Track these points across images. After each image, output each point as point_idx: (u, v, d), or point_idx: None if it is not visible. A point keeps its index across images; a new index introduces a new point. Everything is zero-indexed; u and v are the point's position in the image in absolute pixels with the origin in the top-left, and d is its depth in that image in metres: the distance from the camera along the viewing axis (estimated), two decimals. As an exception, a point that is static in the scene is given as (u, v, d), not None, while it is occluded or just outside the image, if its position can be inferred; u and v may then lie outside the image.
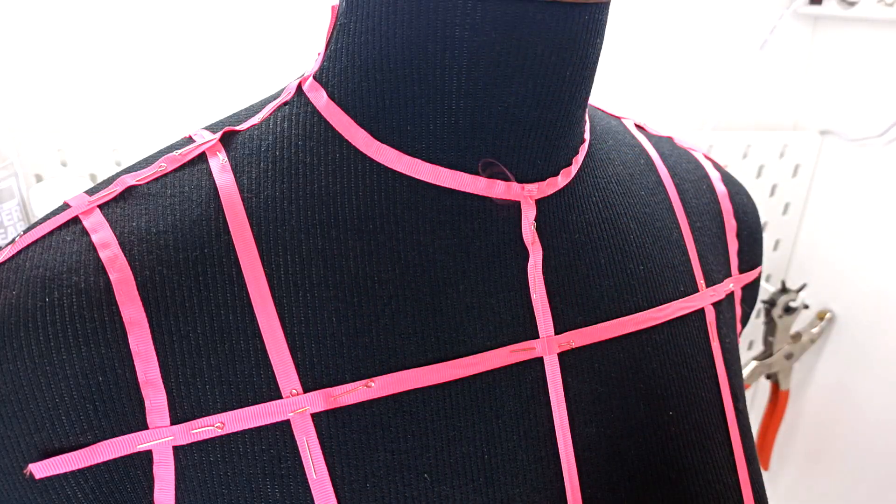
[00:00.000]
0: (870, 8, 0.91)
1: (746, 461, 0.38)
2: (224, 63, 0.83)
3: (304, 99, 0.32)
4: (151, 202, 0.30)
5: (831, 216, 1.07)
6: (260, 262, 0.29)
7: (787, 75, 1.07)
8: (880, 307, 0.99)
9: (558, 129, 0.31)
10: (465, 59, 0.28)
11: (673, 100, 1.03)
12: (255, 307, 0.29)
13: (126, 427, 0.28)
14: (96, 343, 0.27)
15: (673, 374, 0.35)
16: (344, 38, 0.31)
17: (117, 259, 0.28)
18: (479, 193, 0.31)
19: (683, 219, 0.40)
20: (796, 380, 1.13)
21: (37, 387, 0.27)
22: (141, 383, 0.28)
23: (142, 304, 0.28)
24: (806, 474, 1.15)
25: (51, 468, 0.27)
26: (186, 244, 0.29)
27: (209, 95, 0.83)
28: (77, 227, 0.29)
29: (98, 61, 0.79)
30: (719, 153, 1.02)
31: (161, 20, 0.80)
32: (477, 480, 0.30)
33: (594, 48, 0.30)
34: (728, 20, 1.01)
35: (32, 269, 0.28)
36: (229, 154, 0.32)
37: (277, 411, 0.28)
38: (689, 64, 1.02)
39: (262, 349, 0.28)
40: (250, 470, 0.28)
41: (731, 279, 0.42)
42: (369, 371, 0.29)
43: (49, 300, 0.27)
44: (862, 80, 0.99)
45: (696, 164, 0.44)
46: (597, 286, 0.34)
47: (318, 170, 0.31)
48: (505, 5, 0.27)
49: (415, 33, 0.28)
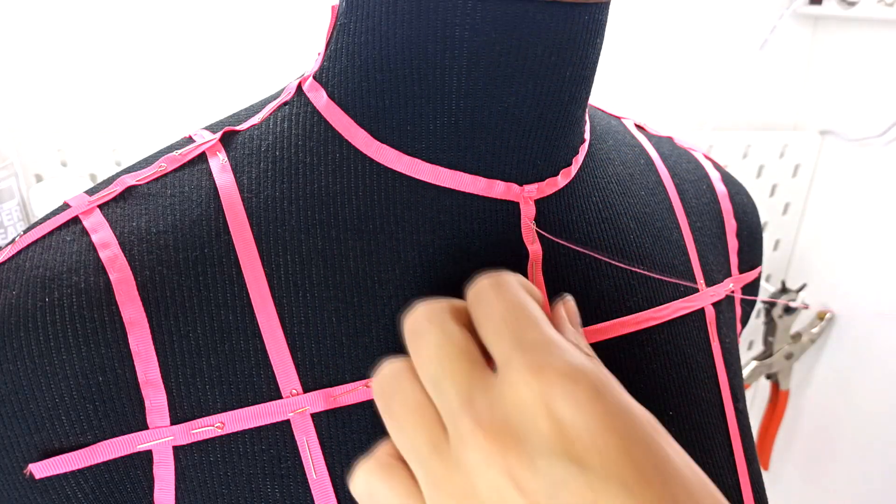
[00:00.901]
0: (870, 8, 0.91)
1: (746, 461, 0.38)
2: (224, 63, 0.83)
3: (304, 99, 0.32)
4: (151, 202, 0.30)
5: (831, 216, 1.07)
6: (260, 262, 0.29)
7: (787, 75, 1.07)
8: (880, 307, 0.99)
9: (558, 129, 0.31)
10: (465, 59, 0.28)
11: (673, 100, 1.03)
12: (255, 307, 0.29)
13: (126, 427, 0.28)
14: (96, 343, 0.27)
15: (673, 374, 0.35)
16: (344, 38, 0.31)
17: (117, 259, 0.28)
18: (478, 193, 0.31)
19: (683, 219, 0.40)
20: (796, 380, 1.13)
21: (37, 387, 0.27)
22: (141, 383, 0.28)
23: (142, 304, 0.28)
24: (806, 474, 1.15)
25: (51, 468, 0.27)
26: (186, 244, 0.29)
27: (209, 95, 0.83)
28: (77, 227, 0.29)
29: (98, 61, 0.79)
30: (719, 153, 1.02)
31: (161, 20, 0.80)
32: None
33: (594, 48, 0.30)
34: (728, 20, 1.01)
35: (32, 269, 0.28)
36: (229, 154, 0.32)
37: (277, 411, 0.28)
38: (689, 64, 1.02)
39: (262, 349, 0.28)
40: (250, 470, 0.28)
41: (731, 279, 0.42)
42: (369, 371, 0.29)
43: (49, 300, 0.27)
44: (862, 80, 0.99)
45: (696, 164, 0.44)
46: (596, 286, 0.34)
47: (318, 170, 0.31)
48: (505, 5, 0.27)
49: (415, 33, 0.28)
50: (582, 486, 0.19)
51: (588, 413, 0.20)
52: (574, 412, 0.20)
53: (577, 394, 0.20)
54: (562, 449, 0.19)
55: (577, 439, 0.20)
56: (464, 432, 0.20)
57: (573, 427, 0.20)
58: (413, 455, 0.22)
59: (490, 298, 0.23)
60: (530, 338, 0.22)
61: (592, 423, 0.20)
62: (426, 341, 0.23)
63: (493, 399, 0.21)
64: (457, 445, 0.20)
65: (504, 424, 0.20)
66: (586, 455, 0.19)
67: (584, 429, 0.20)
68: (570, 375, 0.20)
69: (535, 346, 0.21)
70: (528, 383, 0.20)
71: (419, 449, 0.21)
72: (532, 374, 0.20)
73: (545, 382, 0.20)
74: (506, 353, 0.21)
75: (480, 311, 0.23)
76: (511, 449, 0.20)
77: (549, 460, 0.19)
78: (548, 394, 0.20)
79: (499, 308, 0.23)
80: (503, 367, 0.21)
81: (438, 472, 0.21)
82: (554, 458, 0.19)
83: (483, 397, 0.21)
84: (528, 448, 0.20)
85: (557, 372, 0.20)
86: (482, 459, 0.20)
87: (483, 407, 0.20)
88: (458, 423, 0.20)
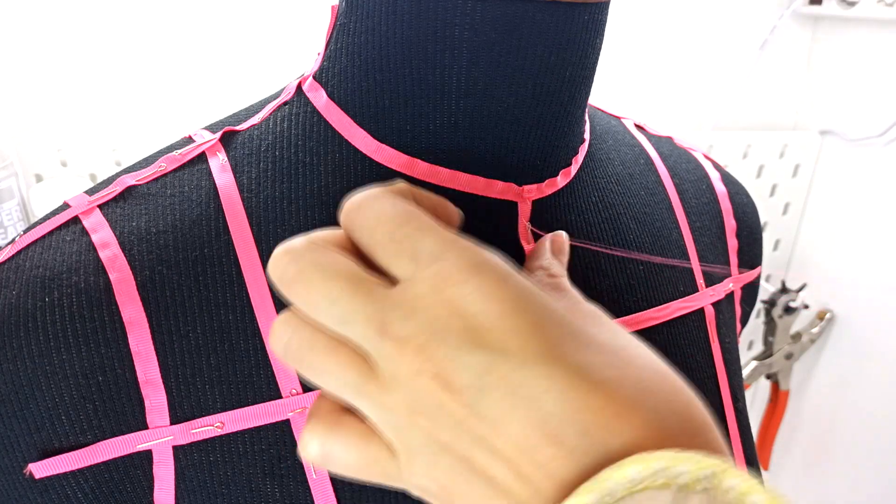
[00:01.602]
0: (870, 8, 0.91)
1: (746, 461, 0.38)
2: (224, 63, 0.83)
3: (303, 99, 0.32)
4: (151, 202, 0.30)
5: (831, 216, 1.07)
6: (260, 262, 0.29)
7: (787, 75, 1.07)
8: (880, 307, 0.99)
9: (558, 130, 0.31)
10: (465, 59, 0.28)
11: (673, 100, 1.03)
12: (254, 307, 0.29)
13: (126, 427, 0.28)
14: (96, 343, 0.27)
15: (673, 373, 0.35)
16: (344, 38, 0.31)
17: (117, 259, 0.28)
18: (477, 193, 0.31)
19: (683, 219, 0.40)
20: (796, 380, 1.13)
21: (37, 387, 0.27)
22: (141, 383, 0.28)
23: (141, 303, 0.28)
24: (806, 474, 1.15)
25: (51, 468, 0.27)
26: (186, 244, 0.29)
27: (209, 95, 0.83)
28: (77, 227, 0.29)
29: (98, 62, 0.79)
30: (719, 153, 1.02)
31: (161, 20, 0.80)
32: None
33: (594, 48, 0.30)
34: (728, 20, 1.01)
35: (32, 268, 0.28)
36: (229, 154, 0.32)
37: (277, 411, 0.28)
38: (689, 64, 1.02)
39: (261, 349, 0.28)
40: (250, 470, 0.28)
41: (730, 279, 0.42)
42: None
43: (49, 300, 0.27)
44: (862, 80, 0.99)
45: (696, 163, 0.44)
46: (595, 286, 0.34)
47: (318, 170, 0.31)
48: (505, 5, 0.27)
49: (415, 33, 0.28)
50: (506, 372, 0.19)
51: (496, 300, 0.20)
52: (483, 302, 0.20)
53: (482, 284, 0.20)
54: (479, 340, 0.20)
55: (492, 328, 0.20)
56: (386, 353, 0.20)
57: (485, 316, 0.20)
58: (348, 390, 0.21)
59: (365, 217, 0.22)
60: (423, 245, 0.21)
61: (502, 308, 0.20)
62: (310, 287, 0.21)
63: (404, 312, 0.21)
64: (385, 367, 0.20)
65: (420, 332, 0.20)
66: (502, 340, 0.20)
67: (496, 316, 0.20)
68: (472, 268, 0.21)
69: (431, 250, 0.21)
70: (434, 287, 0.20)
71: (351, 383, 0.21)
72: (435, 277, 0.21)
73: (450, 282, 0.20)
74: (404, 265, 0.21)
75: (362, 233, 0.23)
76: (433, 354, 0.20)
77: (469, 355, 0.20)
78: (454, 292, 0.20)
79: (381, 223, 0.22)
80: (406, 279, 0.21)
81: (378, 396, 0.21)
82: (474, 351, 0.20)
83: (393, 314, 0.21)
84: (448, 349, 0.20)
85: (459, 268, 0.20)
86: (411, 372, 0.20)
87: (396, 323, 0.20)
88: (380, 347, 0.20)
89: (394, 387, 0.20)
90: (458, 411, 0.20)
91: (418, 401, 0.20)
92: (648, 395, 0.20)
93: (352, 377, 0.21)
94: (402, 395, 0.20)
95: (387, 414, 0.21)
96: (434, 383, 0.20)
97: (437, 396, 0.20)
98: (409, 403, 0.20)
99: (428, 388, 0.20)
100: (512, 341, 0.20)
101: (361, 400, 0.21)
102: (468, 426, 0.20)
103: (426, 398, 0.20)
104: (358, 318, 0.21)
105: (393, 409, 0.21)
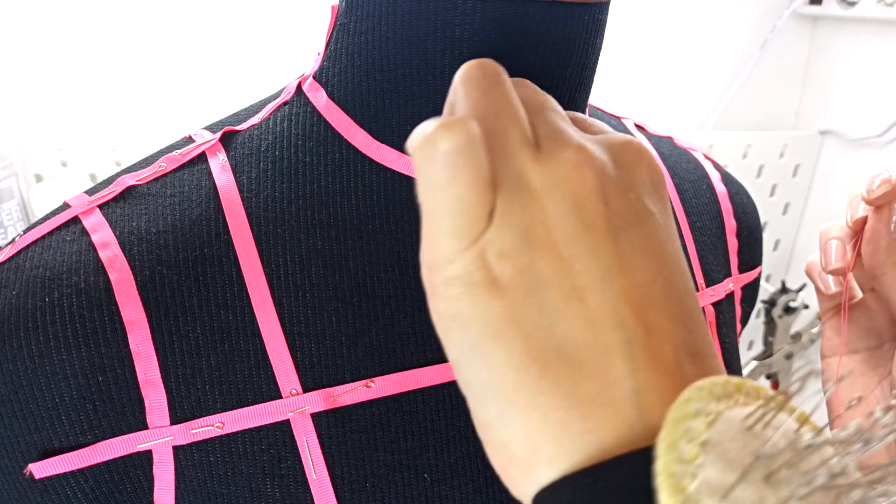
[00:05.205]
0: (870, 8, 0.91)
1: (746, 461, 0.38)
2: (224, 63, 0.83)
3: (303, 99, 0.32)
4: (151, 202, 0.30)
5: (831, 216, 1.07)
6: (260, 262, 0.29)
7: (787, 75, 1.07)
8: (880, 307, 0.99)
9: (558, 129, 0.31)
10: (465, 59, 0.28)
11: (673, 100, 1.03)
12: (254, 307, 0.29)
13: (126, 427, 0.28)
14: (96, 343, 0.27)
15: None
16: (344, 38, 0.31)
17: (117, 259, 0.28)
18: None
19: (683, 219, 0.40)
20: (796, 380, 1.13)
21: (37, 387, 0.27)
22: (141, 383, 0.28)
23: (142, 303, 0.28)
24: (806, 474, 1.15)
25: (51, 468, 0.27)
26: (186, 244, 0.29)
27: (209, 95, 0.83)
28: (77, 227, 0.29)
29: (98, 61, 0.79)
30: (719, 153, 1.02)
31: (161, 20, 0.80)
32: (477, 480, 0.30)
33: (594, 48, 0.30)
34: (728, 20, 1.01)
35: (32, 269, 0.28)
36: (229, 154, 0.32)
37: (277, 411, 0.28)
38: (689, 64, 1.02)
39: (261, 349, 0.28)
40: (250, 470, 0.28)
41: (730, 279, 0.42)
42: (369, 371, 0.29)
43: (49, 300, 0.27)
44: (862, 80, 0.99)
45: (696, 163, 0.44)
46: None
47: (318, 170, 0.31)
48: (505, 5, 0.27)
49: (415, 33, 0.28)
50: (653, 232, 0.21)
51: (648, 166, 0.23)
52: (661, 183, 0.23)
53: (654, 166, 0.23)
54: (654, 191, 0.22)
55: (663, 197, 0.23)
56: (562, 139, 0.21)
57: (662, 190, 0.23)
58: (505, 142, 0.21)
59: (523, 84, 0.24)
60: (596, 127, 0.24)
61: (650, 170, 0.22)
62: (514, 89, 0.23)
63: (593, 130, 0.24)
64: (548, 146, 0.21)
65: (603, 152, 0.22)
66: (666, 213, 0.22)
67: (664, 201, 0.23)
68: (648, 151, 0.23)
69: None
70: (628, 140, 0.23)
71: (519, 137, 0.21)
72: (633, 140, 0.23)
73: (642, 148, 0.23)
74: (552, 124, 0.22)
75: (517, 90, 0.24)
76: (604, 166, 0.21)
77: (635, 192, 0.21)
78: (645, 154, 0.23)
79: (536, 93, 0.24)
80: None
81: (529, 162, 0.21)
82: (645, 193, 0.22)
83: (580, 124, 0.24)
84: (624, 173, 0.22)
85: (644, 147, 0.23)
86: (572, 162, 0.20)
87: (580, 132, 0.22)
88: (558, 132, 0.21)
89: (548, 164, 0.20)
90: (595, 220, 0.20)
91: (562, 183, 0.20)
92: None
93: (516, 134, 0.21)
94: (548, 175, 0.20)
95: (521, 185, 0.20)
96: (588, 183, 0.20)
97: (583, 190, 0.20)
98: (549, 184, 0.20)
99: (579, 179, 0.20)
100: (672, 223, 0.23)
101: (513, 156, 0.21)
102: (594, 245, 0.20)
103: (572, 186, 0.20)
104: (549, 104, 0.23)
105: (531, 182, 0.20)
